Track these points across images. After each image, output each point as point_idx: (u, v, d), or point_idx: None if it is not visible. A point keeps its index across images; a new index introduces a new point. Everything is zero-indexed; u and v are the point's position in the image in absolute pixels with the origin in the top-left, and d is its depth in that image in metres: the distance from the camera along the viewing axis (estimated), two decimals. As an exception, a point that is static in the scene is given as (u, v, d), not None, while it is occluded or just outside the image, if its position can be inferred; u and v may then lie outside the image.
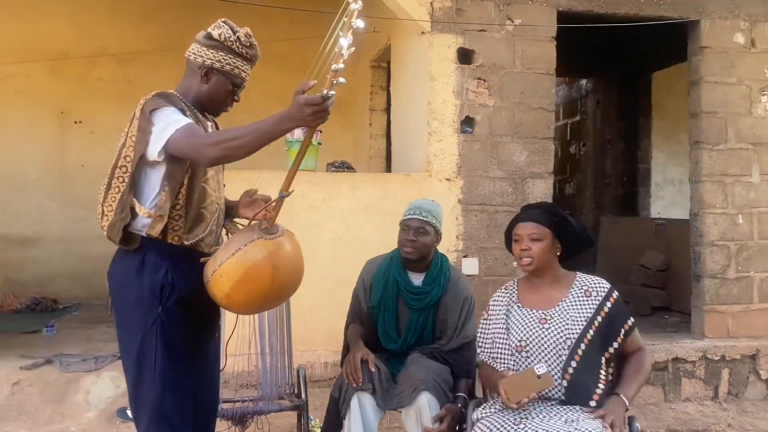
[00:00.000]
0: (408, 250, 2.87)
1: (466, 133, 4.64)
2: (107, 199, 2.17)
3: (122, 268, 2.20)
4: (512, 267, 4.65)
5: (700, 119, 5.00)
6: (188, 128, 2.06)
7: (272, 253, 2.07)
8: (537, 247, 2.46)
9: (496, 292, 2.66)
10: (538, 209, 2.55)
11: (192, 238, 2.20)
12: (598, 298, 2.46)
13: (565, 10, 4.79)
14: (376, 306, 2.93)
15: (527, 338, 2.43)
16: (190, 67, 2.28)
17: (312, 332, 4.32)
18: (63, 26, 6.87)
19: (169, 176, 2.13)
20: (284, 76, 7.31)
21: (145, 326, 2.13)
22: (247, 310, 2.27)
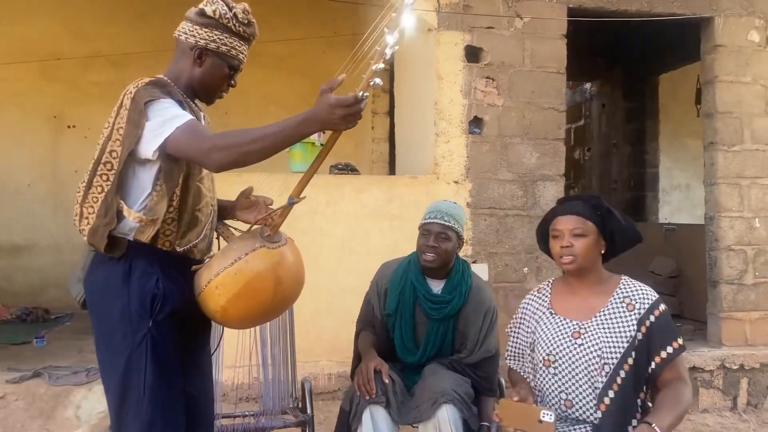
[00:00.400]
0: (429, 257, 2.65)
1: (474, 134, 4.47)
2: (87, 199, 1.93)
3: (104, 276, 1.94)
4: (523, 273, 4.47)
5: (715, 120, 4.84)
6: (191, 126, 1.82)
7: (276, 265, 1.88)
8: (580, 243, 2.15)
9: (528, 295, 2.40)
10: (581, 201, 2.22)
11: (185, 244, 1.97)
12: (640, 311, 2.11)
13: (576, 7, 4.63)
14: (392, 314, 2.73)
15: (557, 353, 2.15)
16: (181, 49, 2.03)
17: (315, 342, 4.13)
18: (55, 28, 6.68)
19: (165, 176, 1.89)
20: (283, 79, 7.18)
21: (133, 343, 1.88)
22: (242, 324, 2.08)
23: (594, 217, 2.18)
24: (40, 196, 6.68)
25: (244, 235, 1.96)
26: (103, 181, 1.89)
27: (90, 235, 1.92)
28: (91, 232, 1.91)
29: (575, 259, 2.15)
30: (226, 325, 2.05)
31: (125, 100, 1.89)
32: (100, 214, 1.90)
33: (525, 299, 2.38)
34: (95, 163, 1.92)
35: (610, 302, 2.16)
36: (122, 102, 1.90)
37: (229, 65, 2.04)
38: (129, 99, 1.87)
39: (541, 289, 2.35)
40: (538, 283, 4.43)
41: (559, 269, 5.64)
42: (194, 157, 1.82)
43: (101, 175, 1.90)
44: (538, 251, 4.47)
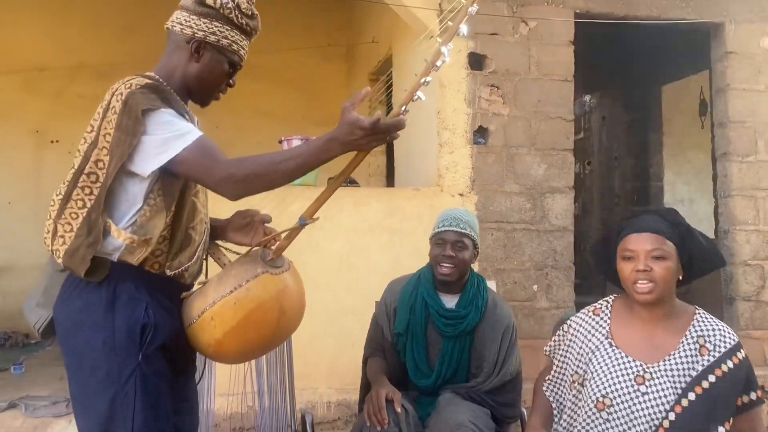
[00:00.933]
0: (446, 268, 2.43)
1: (479, 144, 4.25)
2: (64, 214, 1.66)
3: (82, 304, 1.67)
4: (533, 291, 4.23)
5: (728, 129, 4.65)
6: (202, 147, 1.61)
7: (280, 293, 1.69)
8: (661, 268, 1.80)
9: (580, 313, 2.02)
10: (658, 216, 1.89)
11: (176, 267, 1.73)
12: (715, 353, 1.78)
13: (583, 12, 4.45)
14: (403, 333, 2.49)
15: (614, 396, 1.81)
16: (174, 42, 1.79)
17: (312, 368, 3.86)
18: (39, 39, 6.46)
19: (164, 190, 1.67)
20: (275, 92, 6.97)
21: (119, 380, 1.62)
22: (235, 360, 1.83)
23: (673, 237, 1.85)
24: (22, 214, 6.39)
25: (243, 259, 1.74)
26: (85, 194, 1.64)
27: (67, 256, 1.65)
28: (69, 253, 1.65)
29: (654, 287, 1.80)
30: (217, 359, 1.82)
31: (113, 101, 1.64)
32: (80, 233, 1.64)
33: (576, 317, 2.01)
34: (76, 172, 1.66)
35: (681, 344, 1.83)
36: (110, 103, 1.64)
37: (230, 61, 1.81)
38: (119, 101, 1.62)
39: (600, 310, 1.98)
40: (549, 302, 4.21)
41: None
42: (205, 183, 1.64)
43: (83, 188, 1.64)
44: (548, 268, 4.26)
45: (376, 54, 5.76)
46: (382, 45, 5.58)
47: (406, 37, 4.77)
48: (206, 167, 1.58)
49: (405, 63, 4.90)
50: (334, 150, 1.55)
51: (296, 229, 1.71)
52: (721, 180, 4.73)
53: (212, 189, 1.63)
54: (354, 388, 3.79)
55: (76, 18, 6.48)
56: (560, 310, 4.25)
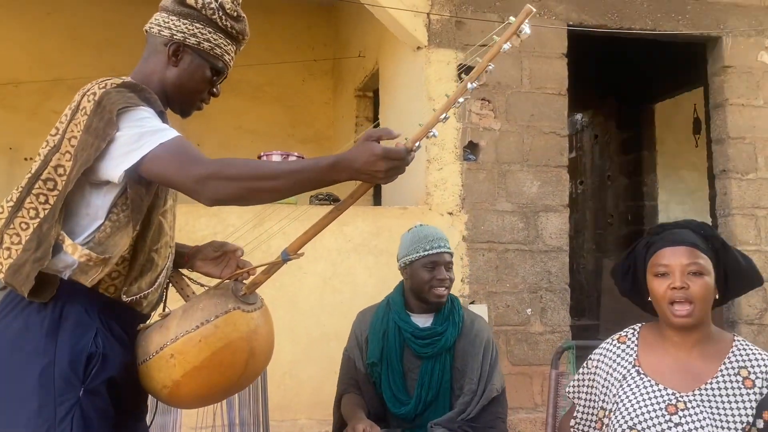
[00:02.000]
0: (443, 292, 2.34)
1: (469, 161, 4.06)
2: (13, 224, 1.45)
3: (20, 325, 1.45)
4: (526, 315, 4.01)
5: (727, 145, 4.49)
6: (179, 144, 1.44)
7: (251, 333, 1.52)
8: (698, 285, 1.61)
9: (603, 344, 1.82)
10: (689, 230, 1.70)
11: (134, 293, 1.53)
12: (763, 390, 1.59)
13: (576, 24, 4.29)
14: (377, 362, 2.34)
15: (644, 428, 1.61)
16: (152, 45, 1.62)
17: (292, 397, 3.62)
18: (14, 53, 6.24)
19: (133, 204, 1.48)
20: (259, 108, 6.77)
21: (53, 417, 1.40)
22: (190, 404, 1.63)
23: (708, 251, 1.67)
24: (-7, 234, 6.13)
25: (213, 292, 1.56)
26: (39, 203, 1.45)
27: (11, 272, 1.43)
28: (14, 268, 1.43)
29: (693, 308, 1.61)
30: (169, 402, 1.59)
31: (84, 101, 1.46)
32: (29, 246, 1.43)
33: (598, 350, 1.81)
34: (32, 178, 1.46)
35: (720, 371, 1.63)
36: (80, 104, 1.47)
37: (212, 67, 1.64)
38: (91, 102, 1.45)
39: (625, 338, 1.79)
40: (543, 326, 3.99)
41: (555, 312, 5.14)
42: (181, 184, 1.43)
43: (38, 195, 1.45)
44: (542, 290, 4.05)
45: (363, 69, 5.59)
46: (368, 59, 5.41)
47: (393, 49, 4.60)
48: (184, 164, 1.41)
49: (392, 77, 4.72)
50: (344, 174, 1.39)
51: (276, 264, 1.54)
52: (721, 198, 4.56)
53: (187, 189, 1.43)
54: (337, 419, 3.57)
55: (54, 31, 6.28)
56: (555, 334, 4.04)
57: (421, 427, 2.24)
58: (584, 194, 7.70)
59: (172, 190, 1.62)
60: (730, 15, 4.54)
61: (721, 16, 4.53)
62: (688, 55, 5.51)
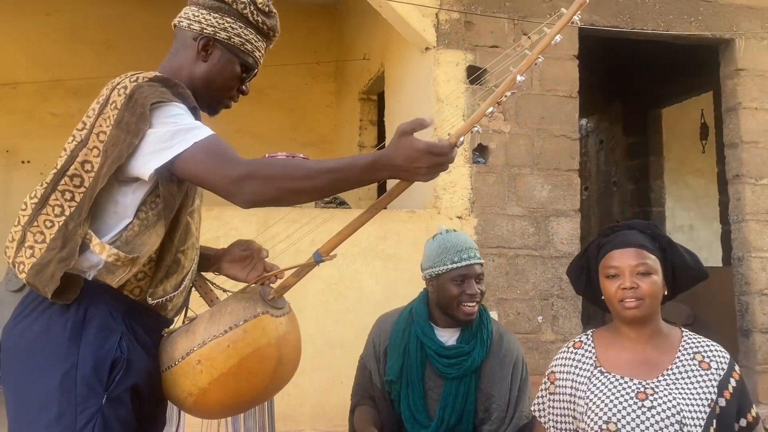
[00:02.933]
0: (471, 307, 2.14)
1: (479, 164, 3.96)
2: (37, 221, 1.39)
3: (42, 327, 1.38)
4: (537, 323, 3.90)
5: (740, 150, 4.40)
6: (216, 144, 1.38)
7: (281, 339, 1.47)
8: (647, 284, 1.72)
9: (560, 352, 1.90)
10: (637, 231, 1.80)
11: (160, 295, 1.46)
12: (719, 371, 1.73)
13: (587, 26, 4.20)
14: (396, 380, 2.16)
15: (619, 418, 1.67)
16: (180, 40, 1.57)
17: (296, 407, 3.51)
18: (12, 54, 6.16)
19: (165, 202, 1.42)
20: (261, 112, 6.67)
21: (73, 426, 1.32)
22: (216, 414, 1.58)
23: (656, 250, 1.78)
24: (-12, 237, 6.02)
25: (240, 295, 1.51)
26: (65, 200, 1.39)
27: (33, 272, 1.36)
28: (37, 267, 1.36)
29: (642, 302, 1.72)
30: (194, 412, 1.51)
31: (114, 95, 1.39)
32: (54, 245, 1.37)
33: (556, 359, 1.89)
34: (57, 173, 1.40)
35: (678, 358, 1.76)
36: (109, 98, 1.40)
37: (242, 63, 1.58)
38: (122, 95, 1.38)
39: (581, 343, 1.87)
40: (555, 334, 3.88)
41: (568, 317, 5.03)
42: (216, 185, 1.38)
43: (64, 192, 1.39)
44: (553, 297, 3.94)
45: (368, 72, 5.49)
46: (373, 62, 5.32)
47: (399, 50, 4.50)
48: (221, 165, 1.36)
49: (399, 79, 4.62)
50: (381, 173, 1.35)
51: (308, 265, 1.50)
52: (734, 204, 4.46)
53: (223, 191, 1.37)
54: (343, 430, 3.45)
55: (52, 32, 6.20)
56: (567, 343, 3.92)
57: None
58: (589, 200, 7.61)
59: (200, 189, 1.57)
60: (744, 17, 4.47)
61: (734, 18, 4.45)
62: (696, 59, 5.44)
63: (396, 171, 1.34)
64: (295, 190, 1.36)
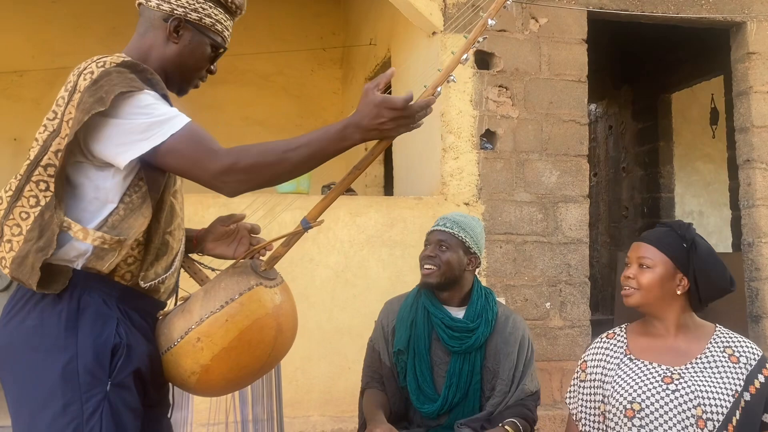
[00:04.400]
0: (426, 269, 2.19)
1: (486, 150, 3.93)
2: (12, 214, 1.38)
3: (35, 321, 1.38)
4: (545, 309, 3.89)
5: (751, 134, 4.35)
6: (194, 133, 1.39)
7: (277, 309, 1.48)
8: (645, 277, 1.83)
9: (594, 343, 1.97)
10: (667, 229, 1.89)
11: (152, 278, 1.47)
12: (747, 366, 1.79)
13: (596, 10, 4.15)
14: (403, 350, 2.19)
15: (643, 399, 1.75)
16: (148, 20, 1.54)
17: (304, 393, 3.51)
18: (19, 43, 6.15)
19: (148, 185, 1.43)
20: (269, 99, 6.65)
21: (81, 414, 1.33)
22: (221, 390, 1.56)
23: (672, 248, 1.84)
24: (-3, 226, 6.04)
25: (232, 270, 1.51)
26: (39, 190, 1.38)
27: (15, 265, 1.35)
28: (17, 261, 1.35)
29: (636, 292, 1.85)
30: (198, 391, 1.51)
31: (80, 81, 1.37)
32: (30, 236, 1.35)
33: (589, 349, 1.98)
34: (31, 164, 1.39)
35: (707, 349, 1.82)
36: (76, 84, 1.38)
37: (213, 43, 1.58)
38: (87, 80, 1.36)
39: (614, 334, 1.96)
40: (563, 321, 3.87)
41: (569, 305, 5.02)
42: (199, 178, 1.39)
43: (38, 182, 1.38)
44: (561, 284, 3.92)
45: (374, 57, 5.46)
46: (379, 47, 5.28)
47: (406, 35, 4.47)
48: (199, 157, 1.36)
49: (405, 64, 4.59)
50: (353, 137, 1.37)
51: (297, 233, 1.49)
52: (744, 189, 4.42)
53: (206, 183, 1.39)
54: (350, 416, 3.46)
55: (58, 20, 6.18)
56: (575, 329, 3.91)
57: (446, 428, 2.11)
58: (598, 186, 7.56)
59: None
60: (755, 0, 4.39)
61: (745, 1, 4.38)
62: (707, 42, 5.37)
63: (366, 132, 1.37)
64: (276, 174, 1.39)
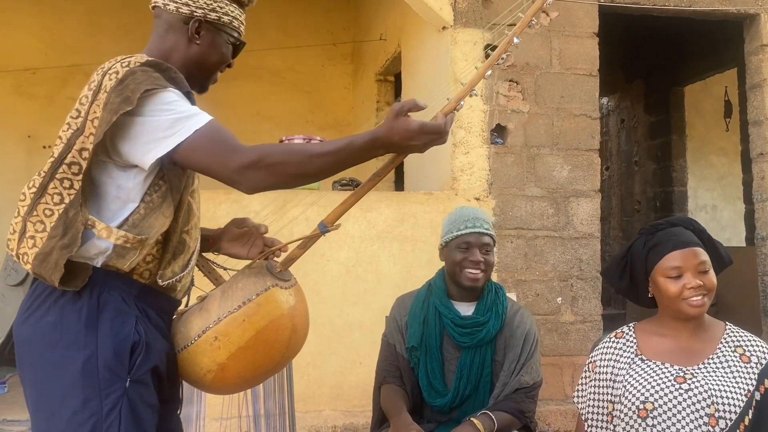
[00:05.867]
0: (475, 275, 2.17)
1: (497, 144, 3.92)
2: (36, 210, 1.40)
3: (56, 318, 1.40)
4: (556, 304, 3.88)
5: (764, 128, 4.31)
6: (216, 131, 1.40)
7: (292, 309, 1.53)
8: (709, 280, 1.76)
9: (601, 342, 1.93)
10: (683, 228, 1.82)
11: (169, 276, 1.49)
12: (759, 365, 1.76)
13: (608, 3, 4.12)
14: (417, 346, 2.21)
15: (656, 399, 1.72)
16: (167, 24, 1.57)
17: (315, 388, 3.53)
18: (31, 40, 6.20)
19: (170, 184, 1.46)
20: (278, 94, 6.66)
21: (99, 411, 1.36)
22: (235, 387, 1.59)
23: (705, 247, 1.81)
24: (12, 222, 6.10)
25: (248, 271, 1.55)
26: (64, 188, 1.39)
27: (38, 261, 1.38)
28: (40, 257, 1.38)
29: (706, 298, 1.75)
30: (212, 388, 1.55)
31: (105, 80, 1.39)
32: (54, 233, 1.38)
33: (597, 349, 1.92)
34: (55, 162, 1.41)
35: (719, 349, 1.79)
36: (101, 84, 1.40)
37: (231, 40, 1.62)
38: (113, 80, 1.38)
39: (622, 334, 1.91)
40: (574, 316, 3.86)
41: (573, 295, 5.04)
42: (219, 174, 1.40)
43: (62, 180, 1.40)
44: (573, 278, 3.92)
45: (384, 53, 5.45)
46: (390, 42, 5.28)
47: (416, 30, 4.46)
48: (222, 153, 1.37)
49: (416, 60, 4.58)
50: (380, 151, 1.42)
51: (314, 237, 1.53)
52: (758, 182, 4.38)
53: (227, 179, 1.40)
54: (361, 410, 3.47)
55: (70, 18, 6.23)
56: (586, 324, 3.91)
57: (457, 421, 2.12)
58: (610, 180, 7.53)
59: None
60: (769, -9, 4.35)
61: (759, -8, 4.34)
62: (720, 35, 5.32)
63: (392, 147, 1.41)
64: (296, 175, 1.40)
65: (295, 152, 1.40)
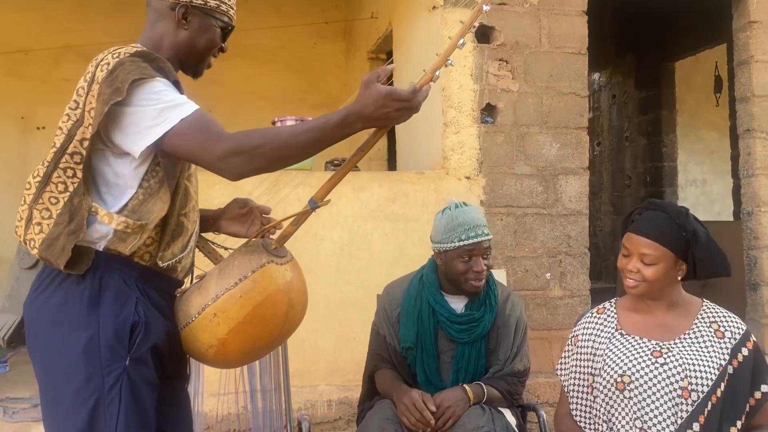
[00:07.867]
0: (478, 283, 2.21)
1: (487, 123, 3.97)
2: (42, 198, 1.47)
3: (60, 299, 1.49)
4: (545, 279, 3.97)
5: (751, 104, 4.36)
6: (201, 119, 1.46)
7: (288, 284, 1.58)
8: (650, 272, 1.86)
9: (583, 317, 2.03)
10: (666, 216, 1.87)
11: (169, 258, 1.57)
12: (732, 340, 1.87)
13: (597, -20, 4.15)
14: (413, 347, 2.26)
15: (632, 372, 1.83)
16: (156, 11, 1.62)
17: (311, 364, 3.62)
18: (23, 20, 6.17)
19: (165, 170, 1.52)
20: (270, 73, 6.67)
21: (102, 387, 1.44)
22: (238, 361, 1.70)
23: (674, 240, 1.86)
24: (7, 204, 6.06)
25: (244, 249, 1.61)
26: (67, 176, 1.47)
27: (44, 246, 1.46)
28: (47, 242, 1.46)
29: (640, 284, 1.89)
30: (216, 363, 1.62)
31: (98, 72, 1.46)
32: (60, 220, 1.46)
33: (579, 323, 2.03)
34: (57, 152, 1.48)
35: (695, 324, 1.90)
36: (95, 75, 1.47)
37: (220, 24, 1.66)
38: (104, 71, 1.45)
39: (604, 309, 2.03)
40: (563, 291, 3.95)
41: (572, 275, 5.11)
42: (204, 161, 1.46)
43: (65, 169, 1.47)
44: (561, 254, 4.00)
45: (375, 31, 5.47)
46: (381, 21, 5.29)
47: (407, 9, 4.48)
48: (206, 141, 1.43)
49: (406, 38, 4.61)
50: (356, 125, 1.43)
51: (305, 213, 1.59)
52: (744, 158, 4.45)
53: (211, 166, 1.46)
54: (356, 384, 3.55)
55: (61, -3, 6.19)
56: (575, 299, 4.00)
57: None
58: (601, 155, 7.60)
59: None
60: (757, -33, 4.37)
61: (747, -32, 4.36)
62: (710, 10, 5.34)
63: (368, 120, 1.43)
64: (277, 158, 1.44)
65: (273, 135, 1.44)
